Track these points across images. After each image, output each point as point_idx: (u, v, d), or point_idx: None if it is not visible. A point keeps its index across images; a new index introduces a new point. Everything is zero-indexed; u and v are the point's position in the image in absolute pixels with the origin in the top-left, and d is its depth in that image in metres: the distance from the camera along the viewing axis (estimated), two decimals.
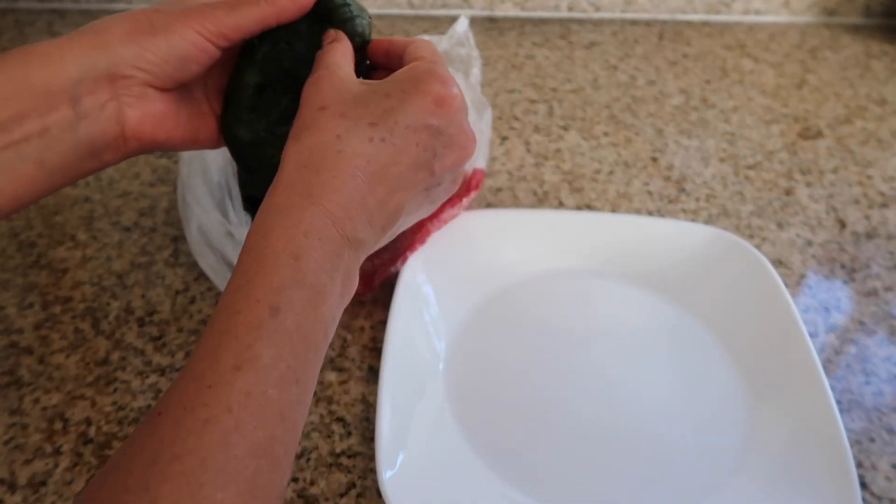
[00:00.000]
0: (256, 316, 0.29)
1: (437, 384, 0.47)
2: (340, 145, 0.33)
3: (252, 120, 0.39)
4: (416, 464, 0.41)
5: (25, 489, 0.41)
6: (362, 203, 0.33)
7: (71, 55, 0.34)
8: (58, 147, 0.34)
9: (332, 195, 0.32)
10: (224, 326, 0.29)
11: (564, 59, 0.85)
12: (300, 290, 0.30)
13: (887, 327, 0.53)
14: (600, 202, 0.63)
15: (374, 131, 0.34)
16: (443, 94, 0.35)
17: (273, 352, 0.29)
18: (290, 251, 0.31)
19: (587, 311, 0.52)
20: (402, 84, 0.36)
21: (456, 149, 0.37)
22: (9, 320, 0.51)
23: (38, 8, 0.92)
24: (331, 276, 0.32)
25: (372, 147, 0.34)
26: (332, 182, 0.33)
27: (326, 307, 0.31)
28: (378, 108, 0.35)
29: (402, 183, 0.35)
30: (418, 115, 0.35)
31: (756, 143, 0.72)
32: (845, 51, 0.89)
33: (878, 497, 0.42)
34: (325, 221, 0.32)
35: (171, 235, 0.58)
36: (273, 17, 0.37)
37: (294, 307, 0.30)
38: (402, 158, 0.34)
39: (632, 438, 0.44)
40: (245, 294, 0.30)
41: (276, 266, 0.30)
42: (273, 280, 0.30)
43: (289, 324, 0.29)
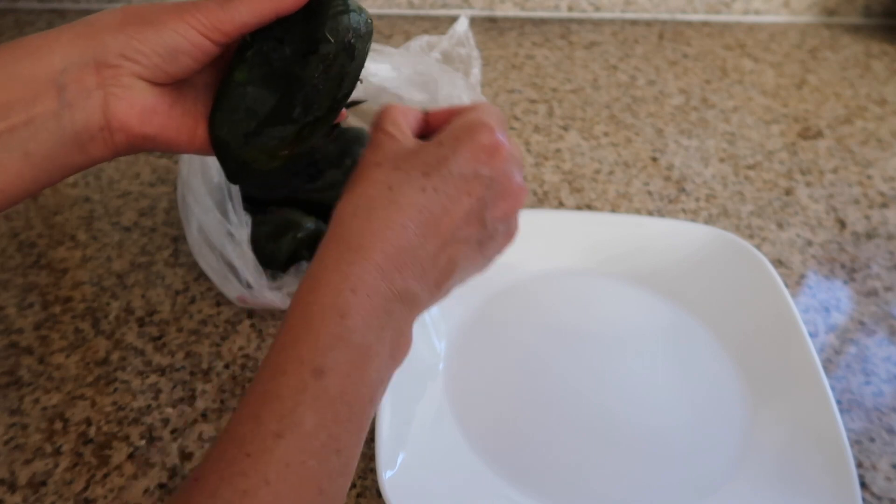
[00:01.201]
0: (301, 378, 0.28)
1: (437, 384, 0.47)
2: (393, 195, 0.33)
3: (238, 120, 0.37)
4: (416, 464, 0.41)
5: (25, 489, 0.41)
6: (414, 255, 0.33)
7: (59, 45, 0.34)
8: (43, 137, 0.33)
9: (382, 246, 0.32)
10: (268, 387, 0.28)
11: (564, 59, 0.85)
12: (346, 351, 0.29)
13: (887, 327, 0.53)
14: (600, 202, 0.63)
15: (426, 181, 0.34)
16: (492, 142, 0.35)
17: (316, 418, 0.28)
18: (336, 308, 0.30)
19: (587, 311, 0.52)
20: (453, 133, 0.36)
21: (507, 198, 0.36)
22: (9, 320, 0.51)
23: (38, 8, 0.92)
24: (378, 336, 0.31)
25: (424, 197, 0.33)
26: (383, 233, 0.32)
27: (373, 369, 0.30)
28: (431, 157, 0.34)
29: (455, 235, 0.34)
30: (469, 163, 0.35)
31: (756, 143, 0.72)
32: (845, 51, 0.89)
33: (878, 497, 0.42)
34: (373, 275, 0.31)
35: (171, 235, 0.58)
36: (270, 10, 0.36)
37: (339, 370, 0.29)
38: (455, 208, 0.34)
39: (631, 438, 0.44)
40: (289, 354, 0.29)
41: (322, 324, 0.30)
42: (318, 340, 0.29)
43: (332, 388, 0.29)
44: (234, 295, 0.50)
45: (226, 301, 0.53)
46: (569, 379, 0.47)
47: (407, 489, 0.39)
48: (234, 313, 0.52)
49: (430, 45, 0.59)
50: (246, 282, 0.49)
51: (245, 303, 0.50)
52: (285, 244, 0.51)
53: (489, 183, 0.35)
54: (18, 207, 0.61)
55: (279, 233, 0.51)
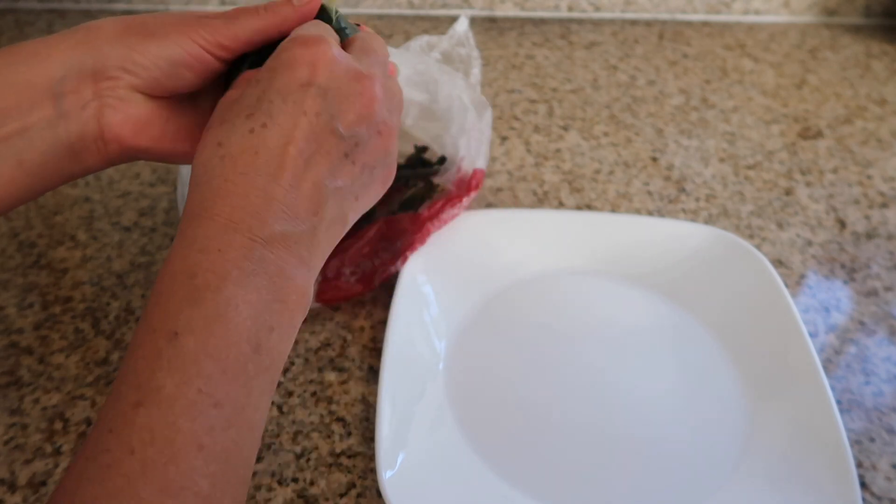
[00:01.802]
0: (155, 345, 0.27)
1: (437, 384, 0.47)
2: (222, 151, 0.31)
3: None
4: (416, 464, 0.41)
5: (25, 489, 0.41)
6: (266, 196, 0.31)
7: (58, 53, 0.33)
8: (38, 146, 0.33)
9: (226, 201, 0.30)
10: (126, 364, 0.28)
11: (564, 59, 0.85)
12: (200, 309, 0.28)
13: (887, 327, 0.53)
14: (600, 202, 0.63)
15: (252, 121, 0.32)
16: (309, 53, 0.33)
17: (176, 378, 0.27)
18: (185, 271, 0.29)
19: (587, 311, 0.52)
20: (267, 65, 0.33)
21: (353, 99, 0.33)
22: (9, 320, 0.51)
23: (38, 8, 0.92)
24: (243, 284, 0.29)
25: (255, 137, 0.31)
26: (224, 189, 0.30)
27: (243, 317, 0.29)
28: (251, 97, 0.32)
29: (307, 160, 0.32)
30: (290, 84, 0.32)
31: (756, 143, 0.72)
32: (845, 51, 0.89)
33: (878, 497, 0.42)
34: (222, 231, 0.30)
35: (171, 235, 0.58)
36: (274, 28, 0.36)
37: (195, 327, 0.28)
38: (294, 134, 0.32)
39: (631, 438, 0.44)
40: (144, 327, 0.28)
41: (171, 290, 0.29)
42: (169, 304, 0.28)
43: (191, 346, 0.27)
44: None
45: None
46: (569, 379, 0.47)
47: (407, 489, 0.39)
48: None
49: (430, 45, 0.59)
50: None
51: None
52: None
53: (323, 93, 0.32)
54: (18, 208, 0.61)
55: None
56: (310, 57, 0.33)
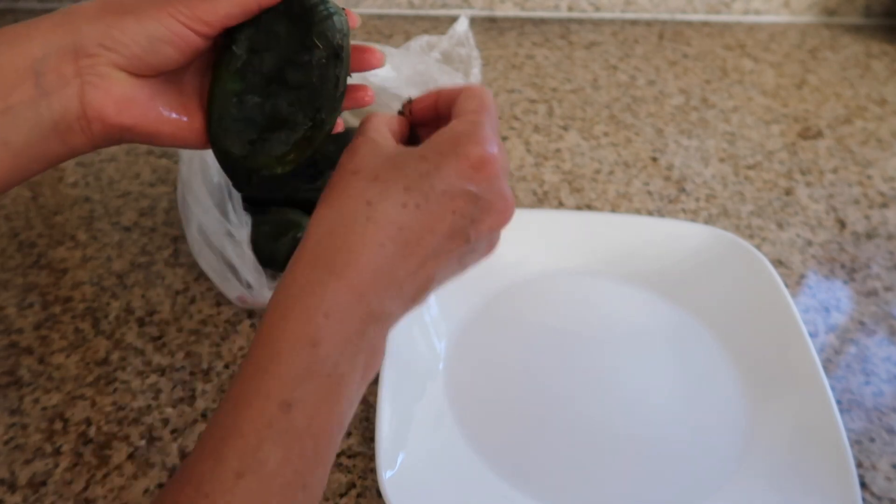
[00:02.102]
0: (267, 412, 0.27)
1: (437, 384, 0.47)
2: (370, 212, 0.31)
3: (240, 130, 0.37)
4: (416, 464, 0.41)
5: (25, 489, 0.41)
6: (392, 274, 0.31)
7: (37, 33, 0.34)
8: (21, 126, 0.33)
9: (357, 267, 0.30)
10: (231, 421, 0.27)
11: (564, 59, 0.85)
12: (316, 383, 0.28)
13: (887, 327, 0.53)
14: (600, 202, 0.63)
15: (408, 196, 0.32)
16: (482, 156, 0.33)
17: (281, 455, 0.27)
18: (307, 336, 0.28)
19: (587, 311, 0.52)
20: (439, 146, 0.33)
21: (494, 214, 0.34)
22: (9, 320, 0.51)
23: (38, 8, 0.92)
24: (351, 362, 0.29)
25: (406, 214, 0.31)
26: (360, 252, 0.30)
27: (344, 397, 0.29)
28: (413, 171, 0.32)
29: (436, 252, 0.33)
30: (455, 179, 0.32)
31: (756, 143, 0.72)
32: (845, 51, 0.89)
33: (878, 497, 0.42)
34: (348, 298, 0.29)
35: (171, 235, 0.58)
36: (252, 1, 0.35)
37: (308, 402, 0.28)
38: (438, 226, 0.32)
39: (632, 438, 0.44)
40: (255, 386, 0.28)
41: (291, 354, 0.28)
42: (287, 371, 0.28)
43: (300, 422, 0.27)
44: (234, 295, 0.50)
45: (226, 301, 0.53)
46: (569, 379, 0.47)
47: (407, 489, 0.39)
48: (234, 313, 0.52)
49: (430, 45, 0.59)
50: (246, 282, 0.49)
51: (245, 303, 0.50)
52: (285, 244, 0.51)
53: (475, 199, 0.33)
54: (18, 207, 0.61)
55: (279, 233, 0.51)
56: (479, 159, 0.33)
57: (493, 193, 0.34)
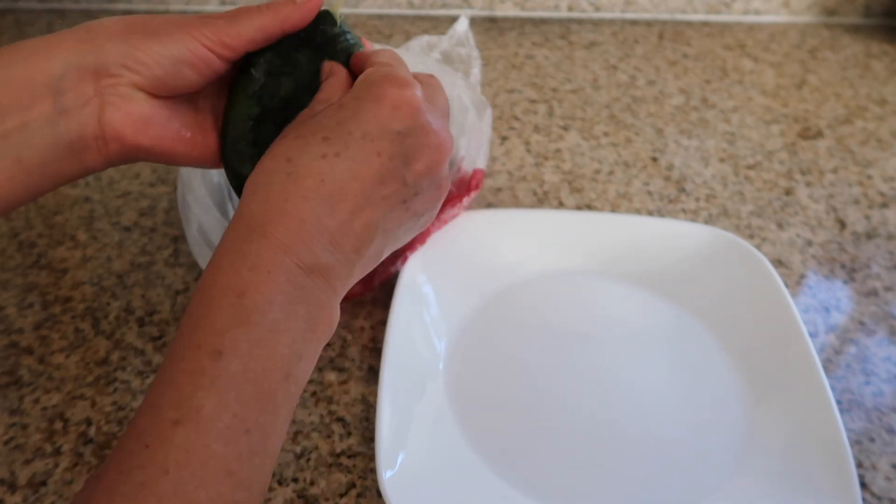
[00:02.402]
0: (198, 362, 0.27)
1: (437, 384, 0.47)
2: (290, 167, 0.31)
3: (255, 155, 0.37)
4: (416, 464, 0.41)
5: (25, 489, 0.41)
6: (319, 226, 0.31)
7: (58, 50, 0.33)
8: (37, 143, 0.33)
9: (282, 220, 0.30)
10: (167, 376, 0.28)
11: (564, 59, 0.85)
12: (245, 330, 0.28)
13: (887, 327, 0.53)
14: (600, 202, 0.63)
15: (327, 146, 0.32)
16: (400, 95, 0.33)
17: (216, 400, 0.27)
18: (234, 288, 0.29)
19: (587, 311, 0.52)
20: (355, 92, 0.33)
21: (427, 152, 0.34)
22: (9, 320, 0.51)
23: (38, 8, 0.92)
24: (286, 311, 0.29)
25: (326, 164, 0.31)
26: (282, 207, 0.30)
27: (282, 345, 0.29)
28: (331, 120, 0.32)
29: (368, 199, 0.32)
30: (375, 122, 0.32)
31: (756, 143, 0.72)
32: (845, 51, 0.89)
33: (878, 497, 0.42)
34: (274, 252, 0.30)
35: (171, 235, 0.58)
36: (276, 26, 0.36)
37: (239, 349, 0.28)
38: (363, 172, 0.32)
39: (631, 438, 0.44)
40: (188, 340, 0.28)
41: (220, 306, 0.29)
42: (216, 322, 0.28)
43: (233, 368, 0.28)
44: None
45: None
46: (569, 379, 0.47)
47: (407, 489, 0.39)
48: None
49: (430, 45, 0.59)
50: None
51: None
52: None
53: (401, 138, 0.33)
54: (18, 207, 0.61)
55: None
56: (398, 99, 0.33)
57: (420, 129, 0.33)
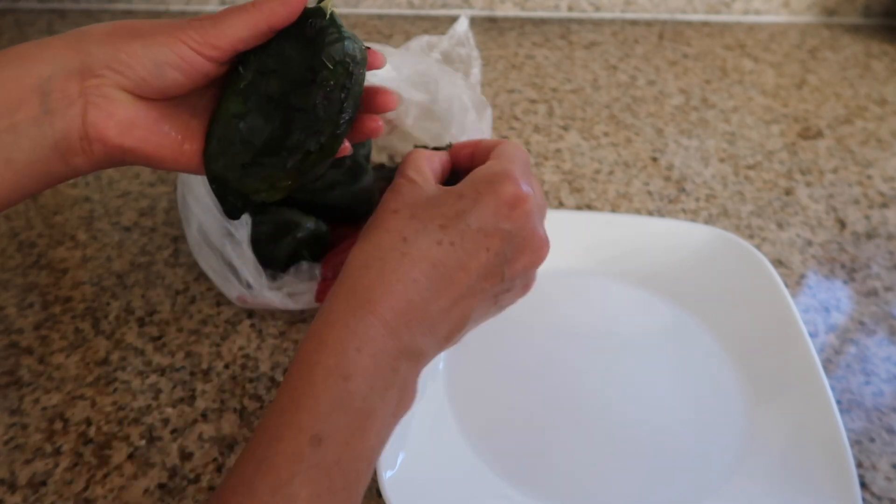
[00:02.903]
0: (298, 445, 0.27)
1: (437, 384, 0.47)
2: (406, 248, 0.32)
3: (235, 153, 0.36)
4: (416, 464, 0.41)
5: (25, 489, 0.41)
6: (424, 310, 0.31)
7: (48, 53, 0.34)
8: (25, 144, 0.33)
9: (391, 301, 0.30)
10: (263, 453, 0.28)
11: (564, 59, 0.85)
12: (347, 416, 0.28)
13: (887, 327, 0.53)
14: (600, 202, 0.63)
15: (443, 233, 0.32)
16: (516, 194, 0.34)
17: (311, 490, 0.27)
18: (339, 370, 0.29)
19: (587, 311, 0.52)
20: (475, 185, 0.34)
21: (528, 253, 0.35)
22: (9, 320, 0.51)
23: (38, 8, 0.92)
24: (382, 396, 0.30)
25: (440, 251, 0.32)
26: (394, 287, 0.31)
27: (374, 432, 0.29)
28: (450, 209, 0.33)
29: (470, 290, 0.33)
30: (491, 217, 0.33)
31: (756, 143, 0.72)
32: (845, 51, 0.89)
33: (878, 497, 0.42)
34: (380, 332, 0.30)
35: (171, 235, 0.58)
36: (263, 23, 0.35)
37: (338, 436, 0.28)
38: (472, 264, 0.33)
39: (631, 438, 0.44)
40: (288, 419, 0.28)
41: (323, 387, 0.28)
42: (319, 403, 0.28)
43: (330, 456, 0.28)
44: (234, 295, 0.50)
45: (226, 301, 0.53)
46: (569, 379, 0.47)
47: (407, 489, 0.39)
48: (234, 313, 0.52)
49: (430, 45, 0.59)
50: (246, 282, 0.49)
51: (245, 303, 0.50)
52: (285, 244, 0.51)
53: (510, 238, 0.34)
54: (18, 207, 0.61)
55: (279, 233, 0.51)
56: (513, 198, 0.34)
57: (527, 231, 0.35)
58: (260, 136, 0.36)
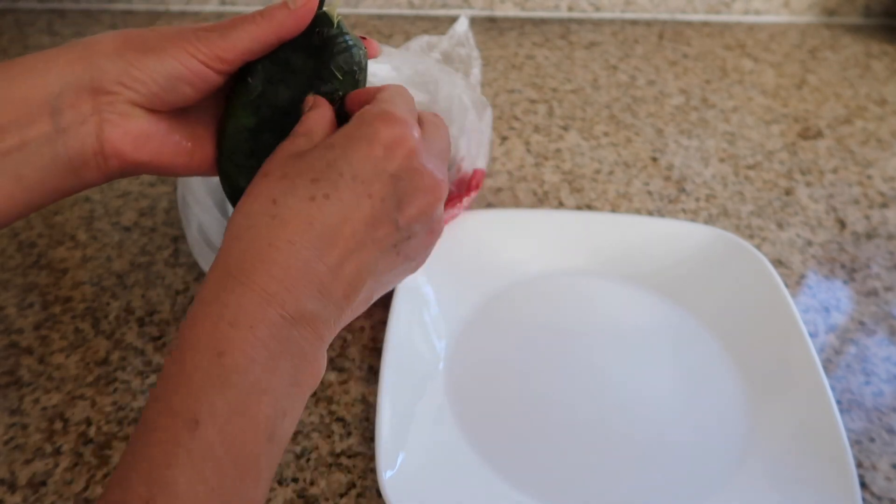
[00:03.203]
0: (174, 432, 0.26)
1: (437, 384, 0.47)
2: (276, 210, 0.30)
3: (252, 166, 0.36)
4: (416, 464, 0.41)
5: (25, 489, 0.41)
6: (307, 272, 0.29)
7: (56, 67, 0.33)
8: (36, 162, 0.33)
9: (266, 268, 0.28)
10: (139, 447, 0.26)
11: (564, 59, 0.85)
12: (225, 394, 0.26)
13: (887, 327, 0.53)
14: (600, 202, 0.63)
15: (316, 188, 0.30)
16: (393, 135, 0.32)
17: (190, 474, 0.25)
18: (213, 346, 0.27)
19: (587, 311, 0.52)
20: (346, 131, 0.32)
21: (420, 195, 0.32)
22: (9, 320, 0.51)
23: (39, 8, 0.92)
24: (269, 368, 0.28)
25: (314, 206, 0.30)
26: (267, 253, 0.29)
27: (264, 405, 0.27)
28: (321, 161, 0.31)
29: (359, 243, 0.31)
30: (366, 162, 0.31)
31: (756, 143, 0.72)
32: (845, 51, 0.89)
33: (878, 497, 0.42)
34: (256, 303, 0.28)
35: (171, 235, 0.58)
36: (272, 34, 0.35)
37: (217, 415, 0.26)
38: (354, 215, 0.30)
39: (632, 438, 0.44)
40: (163, 405, 0.27)
41: (196, 367, 0.27)
42: (192, 384, 0.27)
43: (211, 437, 0.26)
44: None
45: None
46: (569, 379, 0.47)
47: (407, 489, 0.39)
48: None
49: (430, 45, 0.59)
50: None
51: None
52: None
53: (394, 181, 0.31)
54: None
55: None
56: (391, 138, 0.32)
57: (414, 172, 0.32)
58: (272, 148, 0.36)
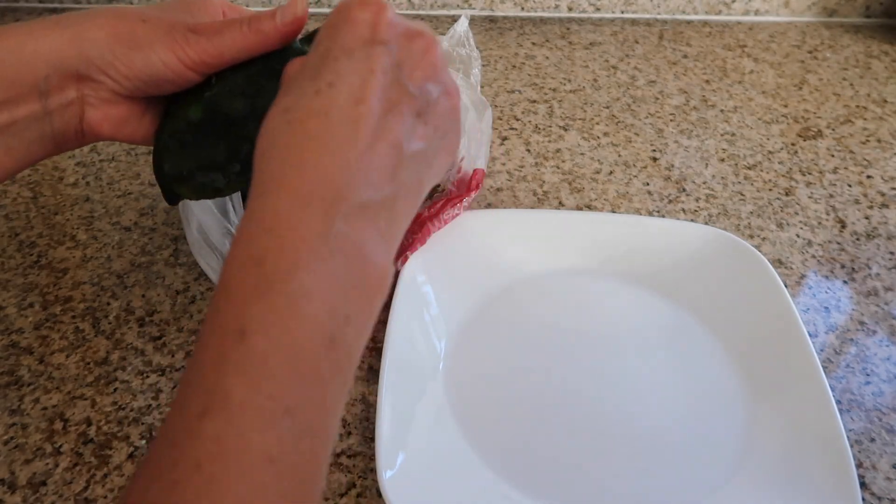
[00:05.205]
0: (221, 347, 0.25)
1: (437, 384, 0.47)
2: (288, 116, 0.29)
3: (180, 156, 0.38)
4: (416, 464, 0.41)
5: (25, 489, 0.41)
6: (338, 162, 0.28)
7: (45, 48, 0.35)
8: (24, 136, 0.37)
9: (294, 172, 0.28)
10: (191, 367, 0.26)
11: (564, 59, 0.85)
12: (270, 301, 0.26)
13: (887, 327, 0.53)
14: (600, 202, 0.63)
15: (319, 81, 0.30)
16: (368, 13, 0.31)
17: (244, 384, 0.24)
18: (251, 257, 0.26)
19: (587, 310, 0.52)
20: (326, 24, 0.32)
21: (418, 57, 0.32)
22: (9, 320, 0.51)
23: (39, 7, 0.92)
24: (315, 270, 0.26)
25: (323, 98, 0.29)
26: (290, 159, 0.28)
27: (316, 308, 0.26)
28: (315, 58, 0.31)
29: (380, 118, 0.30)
30: (357, 41, 0.31)
31: (756, 143, 0.72)
32: (845, 51, 0.89)
33: (878, 497, 0.42)
34: (291, 204, 0.27)
35: (171, 235, 0.58)
36: (256, 45, 0.36)
37: (265, 323, 0.25)
38: (365, 92, 0.29)
39: (631, 438, 0.44)
40: (210, 324, 0.26)
41: (238, 280, 0.26)
42: (236, 299, 0.26)
43: (261, 345, 0.25)
44: None
45: None
46: (569, 379, 0.47)
47: (407, 489, 0.39)
48: None
49: None
50: None
51: None
52: None
53: (388, 50, 0.31)
54: (18, 207, 0.61)
55: None
56: (369, 16, 0.31)
57: (401, 36, 0.32)
58: (206, 150, 0.38)
